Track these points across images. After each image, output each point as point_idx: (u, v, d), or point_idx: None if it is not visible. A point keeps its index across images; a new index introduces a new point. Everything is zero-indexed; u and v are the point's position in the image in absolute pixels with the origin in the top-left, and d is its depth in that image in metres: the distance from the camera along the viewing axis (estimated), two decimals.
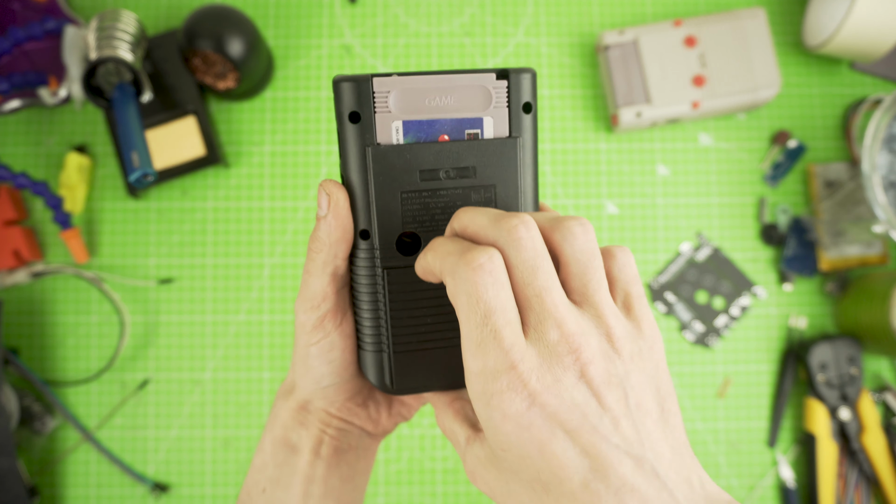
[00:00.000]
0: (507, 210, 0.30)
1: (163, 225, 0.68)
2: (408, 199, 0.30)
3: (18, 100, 0.67)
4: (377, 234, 0.30)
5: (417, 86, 0.29)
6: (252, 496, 0.35)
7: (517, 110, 0.30)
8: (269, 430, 0.35)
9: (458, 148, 0.30)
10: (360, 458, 0.36)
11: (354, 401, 0.35)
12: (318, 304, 0.31)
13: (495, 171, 0.30)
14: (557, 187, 0.69)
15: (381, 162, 0.29)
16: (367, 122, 0.29)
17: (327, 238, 0.30)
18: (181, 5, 0.70)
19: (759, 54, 0.67)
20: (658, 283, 0.68)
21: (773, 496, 0.67)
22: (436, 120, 0.30)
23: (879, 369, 0.68)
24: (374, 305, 0.31)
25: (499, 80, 0.30)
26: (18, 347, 0.67)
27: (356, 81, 0.29)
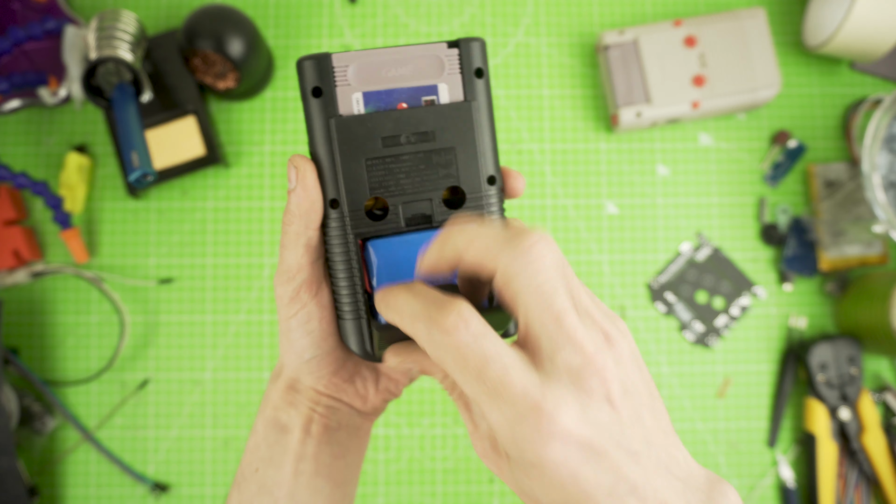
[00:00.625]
0: (467, 172, 0.32)
1: (163, 225, 0.68)
2: (372, 166, 0.31)
3: (18, 99, 0.67)
4: (346, 202, 0.31)
5: (374, 59, 0.31)
6: (246, 477, 0.35)
7: (470, 76, 0.32)
8: (261, 412, 0.36)
9: (416, 114, 0.31)
10: (351, 437, 0.36)
11: (340, 376, 0.35)
12: (293, 275, 0.31)
13: (453, 134, 0.32)
14: (557, 187, 0.69)
15: (345, 132, 0.31)
16: (329, 95, 0.31)
17: (297, 209, 0.31)
18: (181, 5, 0.70)
19: (759, 54, 0.67)
20: (658, 283, 0.68)
21: (773, 496, 0.67)
22: (394, 89, 0.31)
23: (879, 369, 0.68)
24: (349, 273, 0.32)
25: (450, 49, 0.32)
26: (18, 347, 0.67)
27: (317, 59, 0.31)
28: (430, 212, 0.32)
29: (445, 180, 0.32)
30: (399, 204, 0.32)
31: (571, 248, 0.69)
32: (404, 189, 0.32)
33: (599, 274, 0.68)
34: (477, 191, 0.32)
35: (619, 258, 0.69)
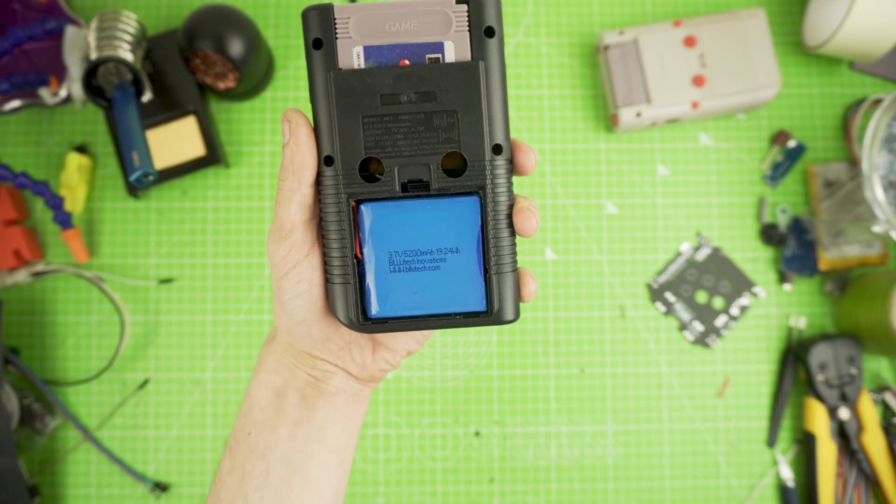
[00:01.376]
0: (470, 137, 0.30)
1: (163, 225, 0.68)
2: (369, 124, 0.30)
3: (19, 100, 0.67)
4: (339, 160, 0.30)
5: (377, 11, 0.30)
6: (238, 441, 0.34)
7: (479, 34, 0.30)
8: (255, 375, 0.35)
9: (418, 71, 0.30)
10: (349, 402, 0.35)
11: (335, 342, 0.34)
12: (285, 233, 0.31)
13: (457, 95, 0.30)
14: (557, 187, 0.69)
15: (342, 86, 0.30)
16: (329, 47, 0.30)
17: (290, 164, 0.30)
18: (181, 5, 0.70)
19: (758, 54, 0.67)
20: (658, 283, 0.68)
21: (772, 496, 0.67)
22: (396, 45, 0.30)
23: (879, 369, 0.68)
24: (340, 235, 0.31)
25: (458, 5, 0.30)
26: (19, 347, 0.67)
27: (320, 10, 0.30)
28: (427, 177, 0.31)
29: (445, 145, 0.30)
30: (395, 167, 0.30)
31: (571, 247, 0.69)
32: (401, 151, 0.30)
33: (599, 274, 0.68)
34: (480, 159, 0.30)
35: (619, 258, 0.69)
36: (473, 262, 0.31)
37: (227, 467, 0.34)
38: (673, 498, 0.66)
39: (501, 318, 0.31)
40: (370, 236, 0.31)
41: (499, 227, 0.31)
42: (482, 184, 0.31)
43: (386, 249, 0.31)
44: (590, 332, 0.67)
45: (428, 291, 0.31)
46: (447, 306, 0.32)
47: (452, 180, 0.31)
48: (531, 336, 0.68)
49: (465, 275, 0.31)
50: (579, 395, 0.67)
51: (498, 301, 0.31)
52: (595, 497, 0.66)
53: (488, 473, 0.66)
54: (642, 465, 0.67)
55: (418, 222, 0.31)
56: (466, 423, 0.67)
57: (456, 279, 0.31)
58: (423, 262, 0.31)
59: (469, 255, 0.31)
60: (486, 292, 0.31)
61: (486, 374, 0.67)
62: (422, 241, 0.31)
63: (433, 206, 0.31)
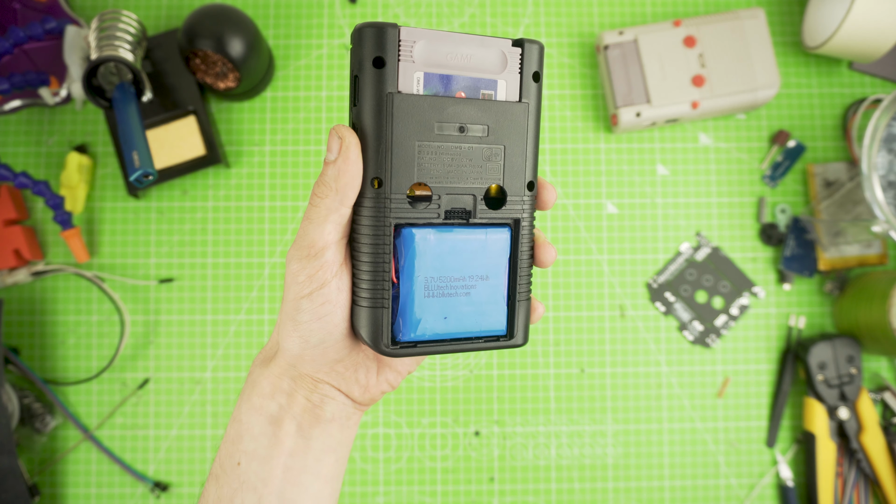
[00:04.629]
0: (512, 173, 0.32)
1: (163, 225, 0.68)
2: (423, 150, 0.30)
3: (19, 99, 0.67)
4: (391, 183, 0.30)
5: (442, 40, 0.30)
6: (226, 470, 0.32)
7: (528, 77, 0.32)
8: (246, 399, 0.33)
9: (474, 105, 0.31)
10: (342, 429, 0.34)
11: (344, 364, 0.33)
12: (315, 252, 0.30)
13: (506, 132, 0.31)
14: (557, 187, 0.69)
15: (402, 109, 0.30)
16: (391, 68, 0.29)
17: (334, 183, 0.29)
18: (181, 5, 0.70)
19: (758, 54, 0.67)
20: (657, 283, 0.69)
21: (772, 495, 0.67)
22: (455, 76, 0.30)
23: (878, 369, 0.68)
24: (378, 258, 0.30)
25: (514, 48, 0.31)
26: (19, 346, 0.67)
27: (381, 28, 0.29)
28: (470, 207, 0.31)
29: (491, 178, 0.31)
30: (443, 194, 0.31)
31: (571, 247, 0.69)
32: (450, 179, 0.31)
33: (599, 273, 0.68)
34: (518, 194, 0.32)
35: (619, 258, 0.69)
36: (500, 289, 0.33)
37: (213, 497, 0.32)
38: (673, 497, 0.66)
39: (517, 342, 0.34)
40: (414, 261, 0.31)
41: (523, 257, 0.33)
42: (518, 217, 0.32)
43: (425, 275, 0.31)
44: (590, 332, 0.68)
45: (457, 316, 0.32)
46: (472, 330, 0.33)
47: (492, 212, 0.32)
48: (531, 336, 0.68)
49: (491, 301, 0.33)
50: (579, 395, 0.67)
51: (519, 326, 0.33)
52: (595, 497, 0.66)
53: (488, 473, 0.66)
54: (642, 464, 0.67)
55: (458, 250, 0.32)
56: (466, 423, 0.67)
57: (482, 305, 0.32)
58: (456, 288, 0.32)
59: (497, 282, 0.33)
60: (508, 318, 0.33)
61: (486, 374, 0.67)
62: (457, 267, 0.32)
63: (471, 235, 0.32)
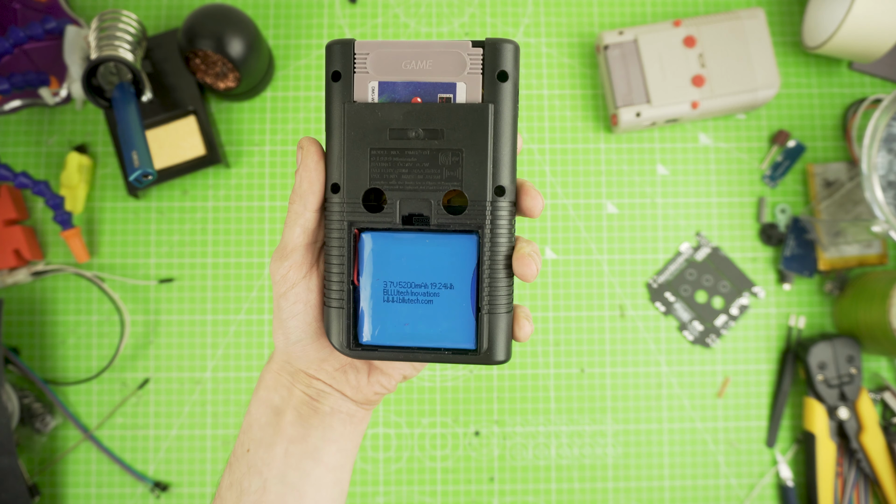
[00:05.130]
0: (473, 177, 0.31)
1: (163, 225, 0.68)
2: (376, 156, 0.31)
3: (19, 99, 0.67)
4: (345, 189, 0.31)
5: (395, 50, 0.31)
6: (238, 457, 0.35)
7: (492, 78, 0.31)
8: (255, 393, 0.36)
9: (427, 109, 0.31)
10: (345, 423, 0.36)
11: (331, 364, 0.35)
12: (286, 253, 0.32)
13: (463, 135, 0.31)
14: (557, 187, 0.69)
15: (354, 118, 0.31)
16: (347, 80, 0.31)
17: (298, 189, 0.31)
18: (181, 5, 0.70)
19: (758, 54, 0.67)
20: (657, 283, 0.69)
21: (772, 495, 0.67)
22: (410, 82, 0.31)
23: (878, 369, 0.68)
24: (340, 261, 0.32)
25: (474, 48, 0.31)
26: (19, 346, 0.67)
27: (342, 44, 0.31)
28: (428, 212, 0.31)
29: (448, 182, 0.31)
30: (398, 199, 0.31)
31: (571, 247, 0.69)
32: (405, 185, 0.31)
33: (599, 273, 0.68)
34: (481, 199, 0.31)
35: (619, 258, 0.69)
36: (466, 299, 0.32)
37: (227, 483, 0.35)
38: (672, 498, 0.66)
39: (491, 359, 0.32)
40: (368, 264, 0.32)
41: (495, 267, 0.31)
42: (481, 223, 0.31)
43: (382, 279, 0.32)
44: (590, 332, 0.68)
45: (419, 324, 0.32)
46: (436, 341, 0.32)
47: (452, 217, 0.31)
48: (531, 336, 0.68)
49: (457, 312, 0.32)
50: (579, 395, 0.67)
51: (488, 341, 0.32)
52: (595, 497, 0.66)
53: (488, 473, 0.66)
54: (642, 464, 0.67)
55: (415, 255, 0.32)
56: (466, 423, 0.67)
57: (447, 315, 0.32)
58: (417, 295, 0.32)
59: (462, 292, 0.32)
60: (477, 331, 0.32)
61: (485, 374, 0.67)
62: (417, 273, 0.32)
63: (431, 241, 0.32)
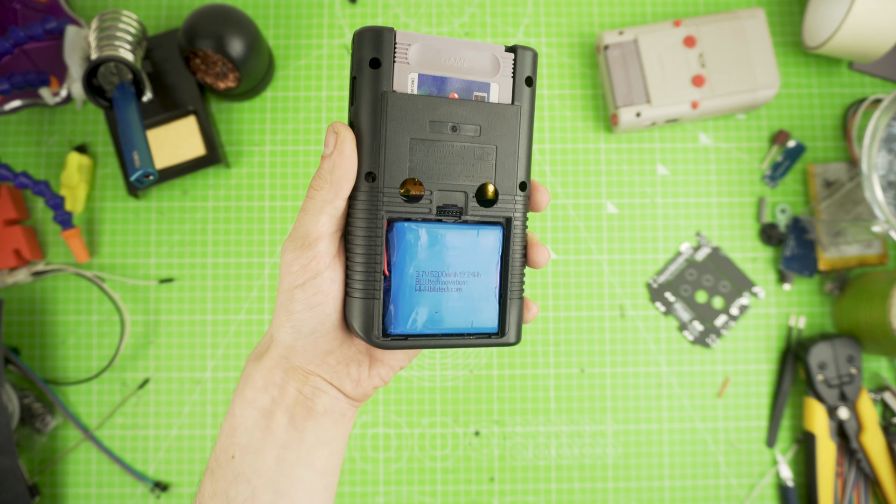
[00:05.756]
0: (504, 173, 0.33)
1: (163, 225, 0.68)
2: (415, 147, 0.31)
3: (19, 99, 0.67)
4: (384, 177, 0.31)
5: (436, 44, 0.32)
6: (221, 464, 0.33)
7: (520, 82, 0.33)
8: (239, 393, 0.34)
9: (466, 106, 0.32)
10: (336, 424, 0.35)
11: (335, 357, 0.34)
12: (309, 242, 0.31)
13: (497, 133, 0.32)
14: (557, 187, 0.69)
15: (396, 108, 0.31)
16: (387, 69, 0.31)
17: (330, 176, 0.30)
18: (181, 5, 0.70)
19: (758, 54, 0.67)
20: (657, 283, 0.69)
21: (772, 495, 0.67)
22: (448, 78, 0.32)
23: (878, 369, 0.68)
24: (371, 251, 0.31)
25: (507, 53, 0.33)
26: (19, 346, 0.67)
27: (378, 31, 0.31)
28: (462, 204, 0.33)
29: (482, 177, 0.32)
30: (434, 190, 0.32)
31: (571, 247, 0.69)
32: (441, 176, 0.32)
33: (599, 273, 0.68)
34: (510, 193, 0.33)
35: (619, 258, 0.69)
36: (491, 286, 0.33)
37: (209, 491, 0.33)
38: (673, 498, 0.66)
39: (508, 340, 0.34)
40: (405, 255, 0.32)
41: (515, 256, 0.34)
42: (509, 216, 0.33)
43: (416, 269, 0.32)
44: (590, 332, 0.68)
45: (448, 311, 0.33)
46: (463, 326, 0.33)
47: (483, 210, 0.33)
48: (531, 336, 0.68)
49: (483, 298, 0.33)
50: (579, 395, 0.67)
51: (507, 324, 0.34)
52: (595, 497, 0.66)
53: (488, 473, 0.66)
54: (642, 464, 0.67)
55: (449, 246, 0.33)
56: (466, 423, 0.67)
57: (474, 301, 0.33)
58: (448, 284, 0.33)
59: (488, 279, 0.33)
60: (500, 315, 0.34)
61: (485, 374, 0.67)
62: (449, 263, 0.33)
63: (463, 232, 0.33)
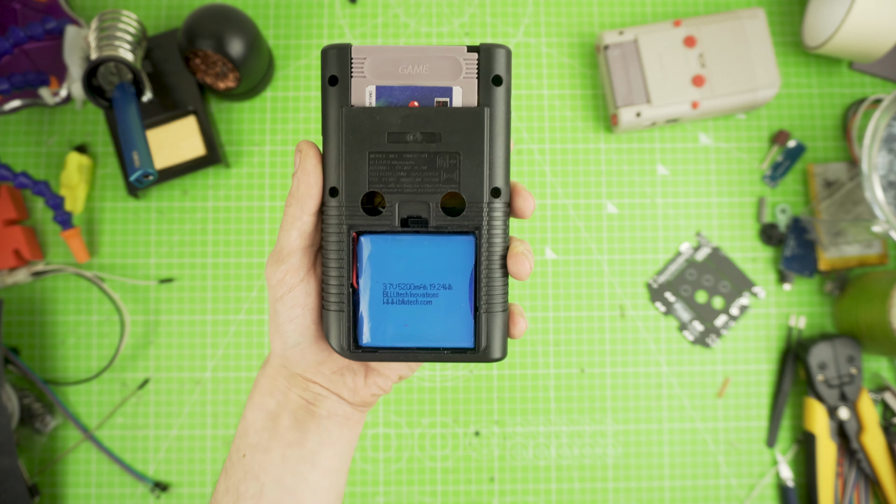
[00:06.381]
0: (470, 179, 0.32)
1: (163, 225, 0.68)
2: (375, 160, 0.31)
3: (19, 99, 0.67)
4: (344, 192, 0.31)
5: (392, 54, 0.31)
6: (234, 462, 0.35)
7: (486, 82, 0.32)
8: (250, 398, 0.36)
9: (425, 113, 0.31)
10: (341, 426, 0.36)
11: (328, 366, 0.35)
12: (283, 257, 0.32)
13: (460, 138, 0.31)
14: (557, 187, 0.69)
15: (352, 122, 0.31)
16: (344, 85, 0.31)
17: (296, 192, 0.31)
18: (181, 5, 0.70)
19: (758, 54, 0.67)
20: (657, 283, 0.69)
21: (772, 495, 0.67)
22: (407, 87, 0.32)
23: (879, 369, 0.68)
24: (339, 264, 0.32)
25: (469, 53, 0.32)
26: (19, 346, 0.67)
27: (338, 49, 0.31)
28: (426, 215, 0.32)
29: (446, 185, 0.32)
30: (396, 202, 0.32)
31: (571, 247, 0.69)
32: (404, 187, 0.31)
33: (599, 273, 0.68)
34: (478, 200, 0.32)
35: (619, 258, 0.69)
36: (465, 299, 0.32)
37: (223, 488, 0.35)
38: (673, 498, 0.66)
39: (489, 357, 0.33)
40: (367, 267, 0.32)
41: (492, 267, 0.32)
42: (478, 224, 0.32)
43: (381, 281, 0.32)
44: (590, 332, 0.67)
45: (419, 325, 0.32)
46: (436, 341, 0.33)
47: (450, 219, 0.32)
48: (531, 336, 0.68)
49: (456, 311, 0.32)
50: (579, 395, 0.67)
51: (486, 339, 0.32)
52: (595, 497, 0.66)
53: (488, 473, 0.66)
54: (642, 464, 0.67)
55: (414, 257, 0.32)
56: (466, 423, 0.67)
57: (446, 315, 0.32)
58: (416, 296, 0.32)
59: (461, 292, 0.32)
60: (475, 330, 0.33)
61: (485, 374, 0.67)
62: (416, 275, 0.32)
63: (429, 243, 0.32)
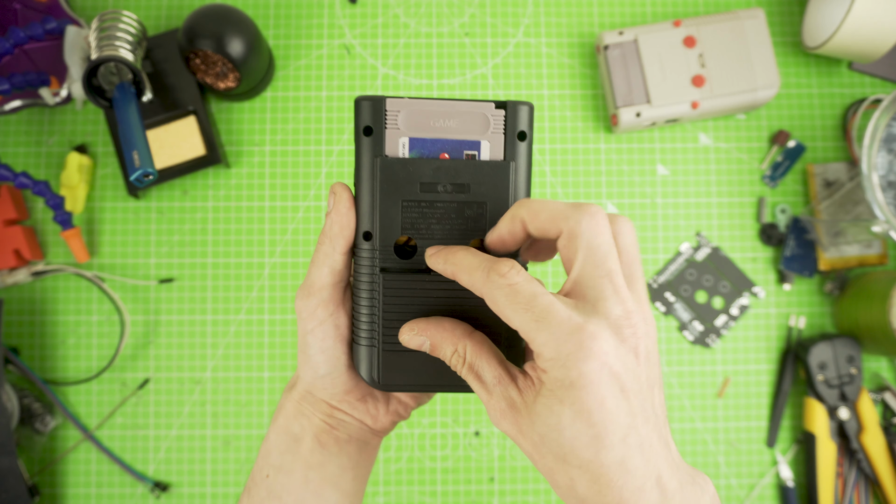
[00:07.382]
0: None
1: (163, 225, 0.68)
2: (407, 208, 0.33)
3: (20, 100, 0.67)
4: (378, 237, 0.33)
5: (424, 108, 0.34)
6: (257, 482, 0.37)
7: (512, 137, 0.35)
8: (274, 420, 0.37)
9: (455, 165, 0.34)
10: (360, 451, 0.38)
11: (353, 394, 0.36)
12: (313, 291, 0.34)
13: (488, 189, 0.34)
14: (557, 187, 0.69)
15: (387, 172, 0.33)
16: (378, 136, 0.33)
17: (329, 231, 0.33)
18: (181, 5, 0.70)
19: (758, 54, 0.67)
20: (657, 283, 0.69)
21: (772, 495, 0.67)
22: (438, 139, 0.34)
23: (879, 369, 0.68)
24: (371, 303, 0.34)
25: (497, 109, 0.34)
26: (19, 346, 0.67)
27: (373, 101, 0.33)
28: None
29: (474, 233, 0.34)
30: (426, 247, 0.34)
31: None
32: (434, 234, 0.34)
33: None
34: None
35: None
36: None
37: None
38: None
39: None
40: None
41: None
42: None
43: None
44: None
45: None
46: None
47: None
48: None
49: None
50: None
51: None
52: None
53: (488, 473, 0.66)
54: None
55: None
56: (466, 423, 0.67)
57: None
58: None
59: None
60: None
61: None
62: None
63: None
